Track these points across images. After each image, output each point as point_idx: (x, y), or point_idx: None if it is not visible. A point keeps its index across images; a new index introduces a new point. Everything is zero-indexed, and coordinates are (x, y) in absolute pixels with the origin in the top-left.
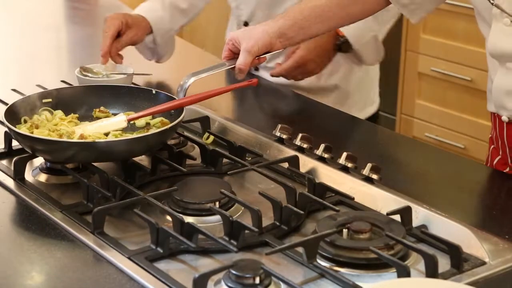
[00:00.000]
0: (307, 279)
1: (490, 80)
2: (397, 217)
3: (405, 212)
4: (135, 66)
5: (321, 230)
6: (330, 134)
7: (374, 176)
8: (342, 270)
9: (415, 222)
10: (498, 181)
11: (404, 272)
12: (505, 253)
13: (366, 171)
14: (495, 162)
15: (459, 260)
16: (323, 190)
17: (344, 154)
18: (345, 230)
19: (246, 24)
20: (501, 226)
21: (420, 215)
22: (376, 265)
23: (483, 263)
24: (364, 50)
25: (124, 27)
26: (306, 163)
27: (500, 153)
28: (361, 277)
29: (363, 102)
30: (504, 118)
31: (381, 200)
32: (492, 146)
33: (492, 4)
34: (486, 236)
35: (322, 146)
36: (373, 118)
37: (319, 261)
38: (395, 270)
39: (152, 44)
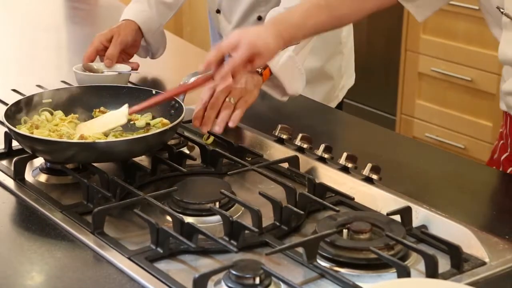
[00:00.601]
0: (307, 279)
1: (503, 80)
2: (397, 217)
3: (405, 212)
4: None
5: (321, 230)
6: (330, 134)
7: (374, 176)
8: (342, 270)
9: (415, 222)
10: (498, 181)
11: (404, 272)
12: (505, 253)
13: (366, 171)
14: (502, 157)
15: (459, 260)
16: (323, 190)
17: (344, 154)
18: (345, 230)
19: (218, 11)
20: (501, 226)
21: (420, 215)
22: (376, 265)
23: (483, 263)
24: (282, 74)
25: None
26: (306, 163)
27: (509, 150)
28: (361, 277)
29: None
30: None
31: (381, 200)
32: (501, 142)
33: (502, 13)
34: (486, 236)
35: (322, 146)
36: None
37: (319, 261)
38: (395, 270)
39: (143, 42)
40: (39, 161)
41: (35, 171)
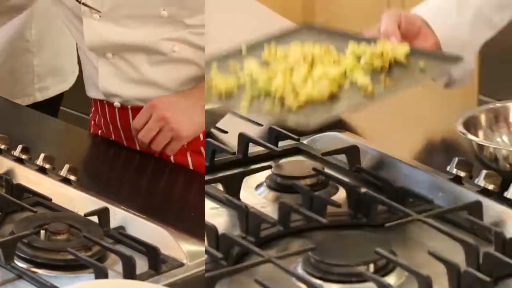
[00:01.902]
0: (5, 280)
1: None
2: (94, 218)
3: (103, 213)
4: None
5: (19, 231)
6: (26, 135)
7: (72, 177)
8: (40, 271)
9: (113, 223)
10: (196, 183)
11: (101, 273)
12: (202, 254)
13: (63, 172)
14: None
15: (157, 262)
16: (21, 191)
17: (42, 155)
18: (42, 231)
19: None
20: (200, 227)
21: (118, 216)
22: (74, 266)
23: (181, 264)
24: None
25: None
26: (3, 164)
27: (113, 136)
28: (59, 278)
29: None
30: (117, 104)
31: (78, 201)
32: (100, 131)
33: (79, 3)
34: (184, 238)
35: (19, 147)
36: None
37: (17, 262)
38: (93, 271)
39: None
40: None
41: None
